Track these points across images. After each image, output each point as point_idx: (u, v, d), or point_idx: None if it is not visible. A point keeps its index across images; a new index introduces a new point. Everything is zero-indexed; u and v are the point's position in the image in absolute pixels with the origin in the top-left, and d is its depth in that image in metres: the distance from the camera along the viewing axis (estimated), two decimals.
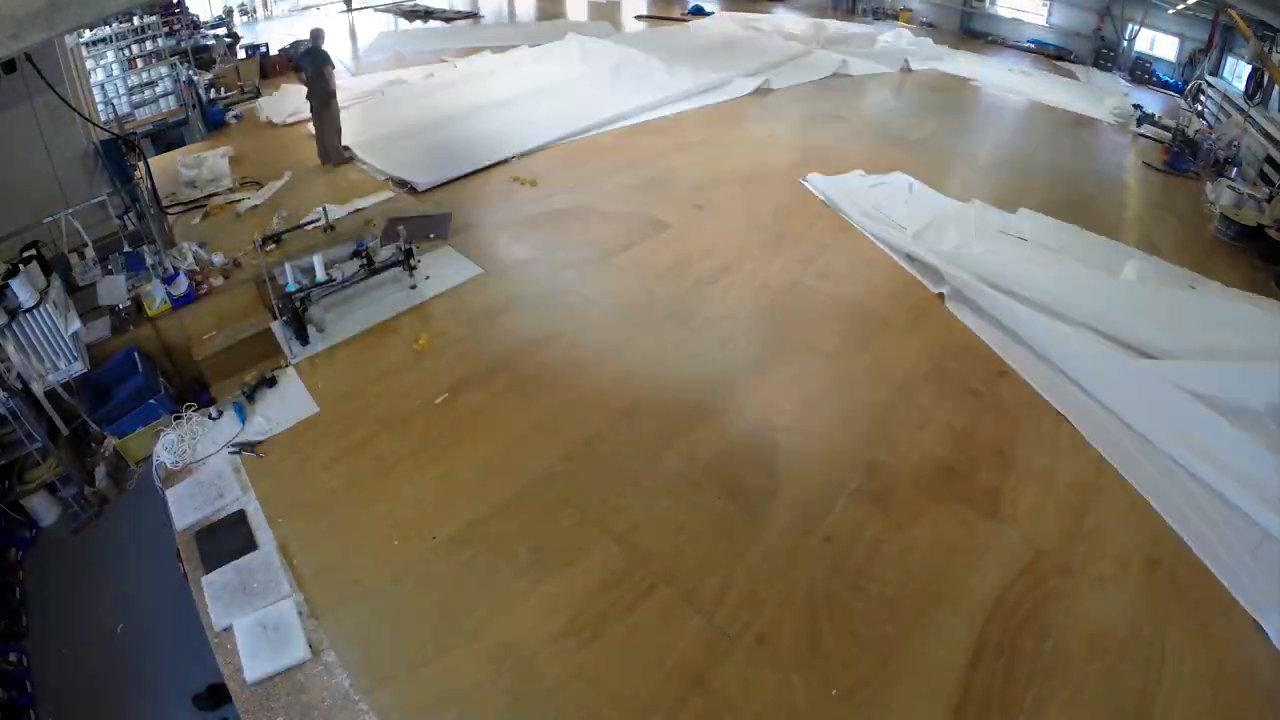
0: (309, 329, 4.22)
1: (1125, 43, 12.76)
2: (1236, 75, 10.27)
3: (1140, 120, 9.37)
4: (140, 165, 5.16)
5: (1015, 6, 14.43)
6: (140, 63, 8.29)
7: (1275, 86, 8.53)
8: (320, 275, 4.30)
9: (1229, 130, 8.58)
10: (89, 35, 7.48)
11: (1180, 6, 11.22)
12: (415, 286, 4.76)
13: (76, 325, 3.93)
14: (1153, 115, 9.52)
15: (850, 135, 8.05)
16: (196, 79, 8.16)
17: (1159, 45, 12.38)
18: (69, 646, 3.47)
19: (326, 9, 14.91)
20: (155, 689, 3.24)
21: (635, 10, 14.86)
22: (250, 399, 3.77)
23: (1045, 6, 13.89)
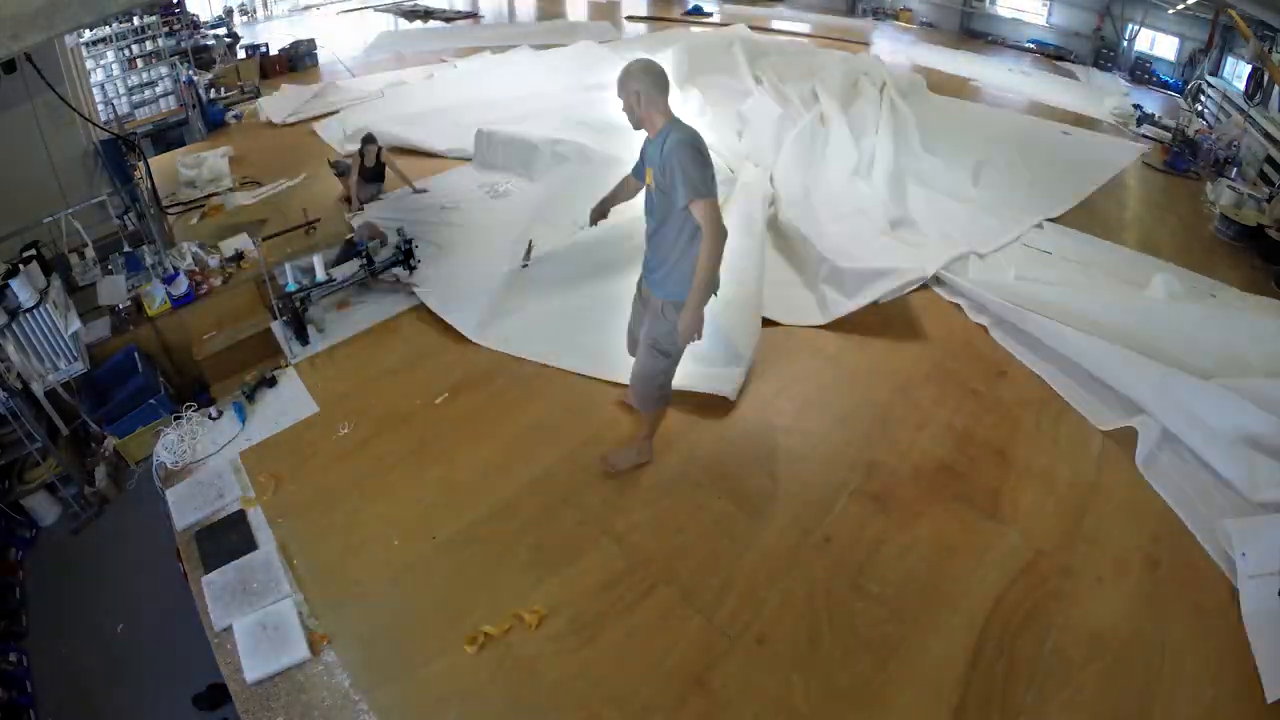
0: (309, 329, 4.23)
1: (1125, 43, 12.76)
2: (1236, 75, 10.27)
3: (1140, 120, 9.37)
4: (140, 165, 5.17)
5: (1015, 6, 14.43)
6: (140, 63, 8.30)
7: (1275, 86, 8.53)
8: (320, 275, 4.30)
9: (1229, 130, 8.58)
10: (89, 35, 7.49)
11: (1180, 6, 11.22)
12: (415, 286, 4.76)
13: (76, 325, 3.94)
14: (1153, 115, 9.53)
15: None
16: (196, 79, 8.17)
17: (1159, 45, 12.39)
18: (69, 646, 3.47)
19: (326, 9, 14.93)
20: (155, 689, 3.25)
21: (635, 10, 14.80)
22: (250, 399, 3.77)
23: (1045, 6, 13.90)
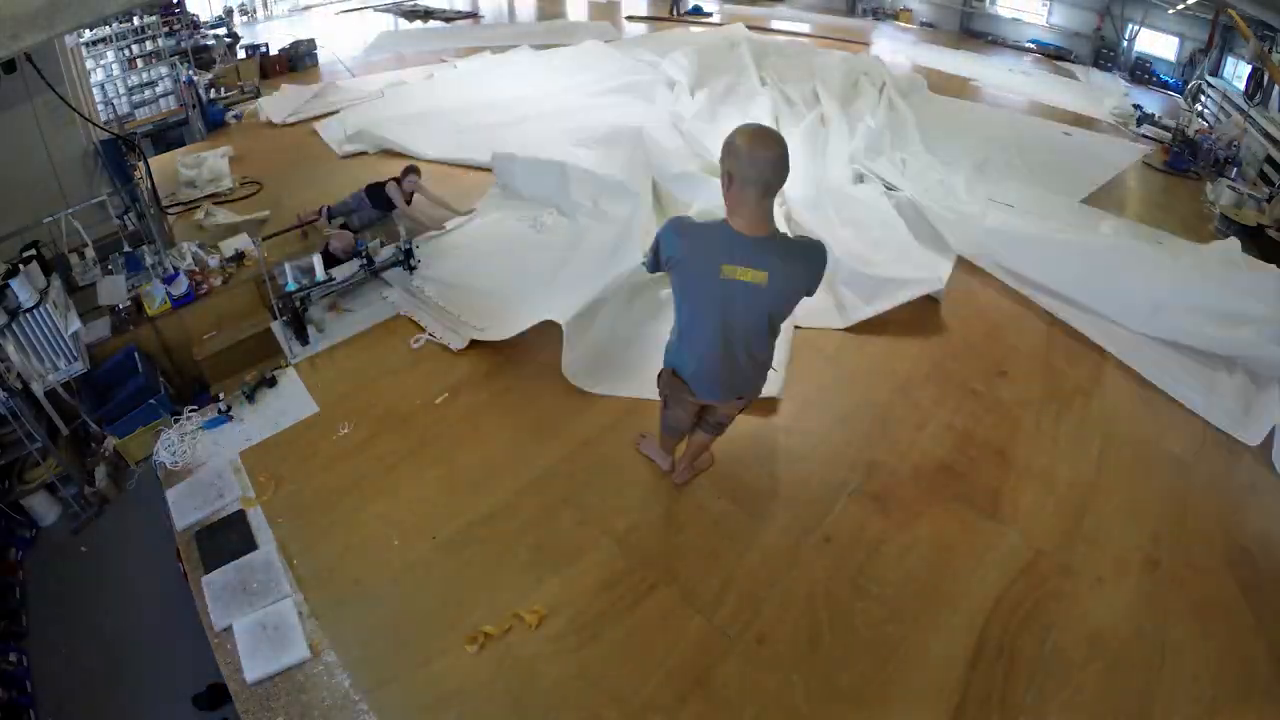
0: (309, 329, 4.22)
1: (1125, 43, 12.75)
2: (1236, 75, 10.26)
3: (1140, 120, 9.37)
4: (140, 165, 5.17)
5: (1015, 6, 14.42)
6: (140, 63, 8.30)
7: (1275, 86, 8.53)
8: (320, 275, 4.30)
9: (1229, 130, 8.58)
10: (89, 35, 7.49)
11: (1180, 6, 11.22)
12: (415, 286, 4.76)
13: (76, 325, 3.94)
14: (1153, 115, 9.52)
15: None
16: (196, 79, 8.16)
17: (1159, 45, 12.38)
18: (69, 646, 3.47)
19: (326, 9, 14.92)
20: (155, 689, 3.25)
21: (635, 11, 14.80)
22: (250, 399, 3.77)
23: (1045, 6, 13.89)
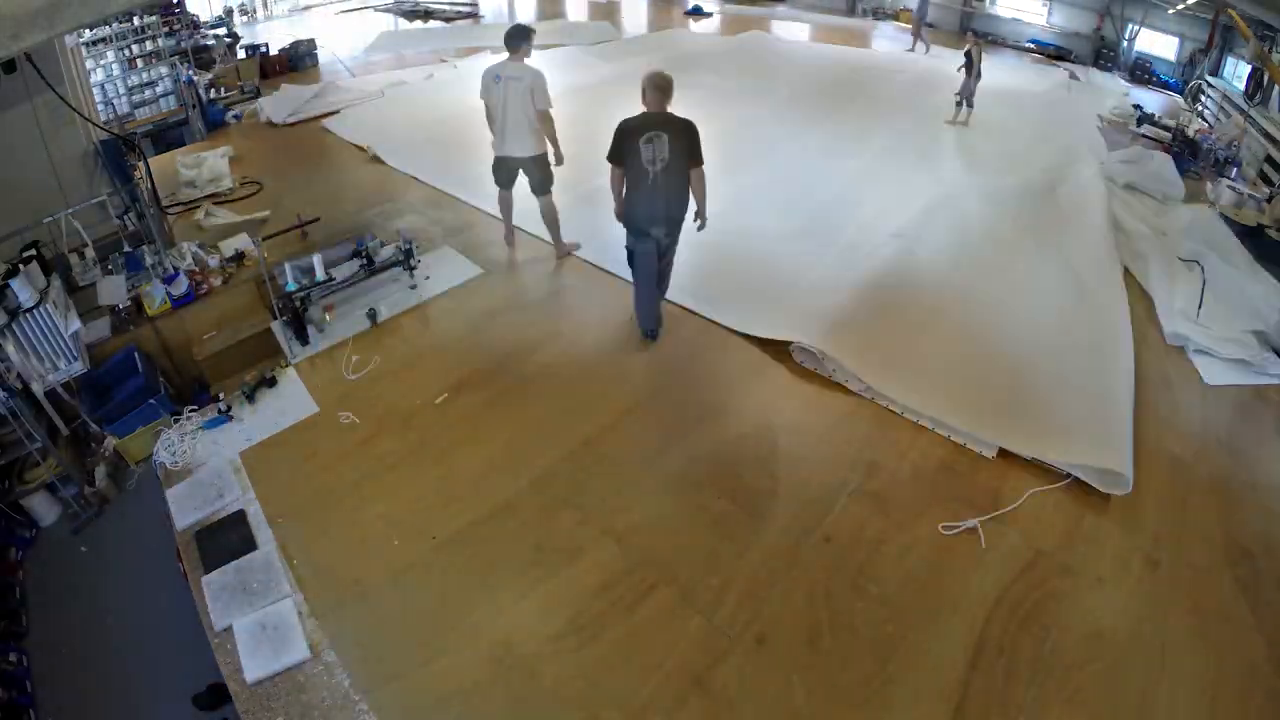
0: (309, 329, 4.22)
1: (1125, 43, 12.76)
2: (1236, 75, 10.27)
3: (1140, 120, 9.37)
4: (140, 165, 5.16)
5: (1015, 6, 14.43)
6: (140, 63, 8.30)
7: (1275, 86, 8.53)
8: (320, 275, 4.30)
9: (1229, 130, 8.58)
10: (89, 35, 7.49)
11: (1180, 6, 11.22)
12: (415, 286, 4.76)
13: (76, 325, 3.93)
14: (1153, 115, 9.52)
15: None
16: (196, 79, 8.16)
17: (1159, 45, 12.39)
18: (69, 646, 3.47)
19: (325, 9, 14.93)
20: (155, 689, 3.24)
21: (635, 11, 14.80)
22: (250, 399, 3.77)
23: (1045, 6, 13.90)
